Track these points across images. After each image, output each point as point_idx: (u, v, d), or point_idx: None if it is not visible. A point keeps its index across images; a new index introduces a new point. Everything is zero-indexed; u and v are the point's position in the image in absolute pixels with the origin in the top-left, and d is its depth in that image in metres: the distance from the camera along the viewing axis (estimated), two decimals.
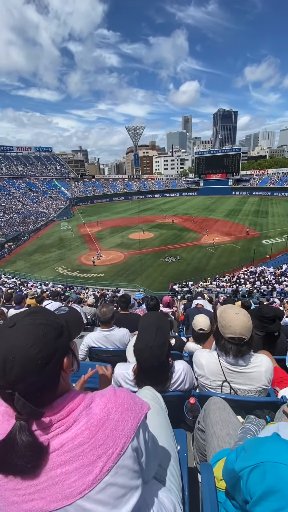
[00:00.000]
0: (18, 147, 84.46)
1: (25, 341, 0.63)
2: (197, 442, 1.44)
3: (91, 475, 0.63)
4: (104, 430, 0.66)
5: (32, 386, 0.63)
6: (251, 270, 23.37)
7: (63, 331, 0.73)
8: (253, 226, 40.01)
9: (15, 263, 31.97)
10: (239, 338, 1.51)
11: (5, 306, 5.85)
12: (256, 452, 0.76)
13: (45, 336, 0.66)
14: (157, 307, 4.28)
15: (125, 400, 0.73)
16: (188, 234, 38.38)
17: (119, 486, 0.65)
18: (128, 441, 0.68)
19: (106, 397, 0.72)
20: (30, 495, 0.62)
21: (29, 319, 0.69)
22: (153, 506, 0.80)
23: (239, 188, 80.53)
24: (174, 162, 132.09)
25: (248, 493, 0.73)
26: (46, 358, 0.64)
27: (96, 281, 24.23)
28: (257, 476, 0.71)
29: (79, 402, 0.70)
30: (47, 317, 0.72)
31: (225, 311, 1.61)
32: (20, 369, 0.61)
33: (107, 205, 74.28)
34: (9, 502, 0.63)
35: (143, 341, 1.38)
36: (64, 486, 0.62)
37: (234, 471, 0.80)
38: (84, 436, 0.65)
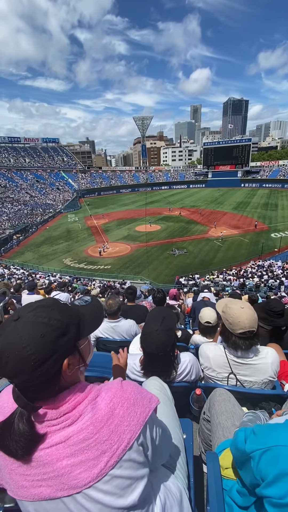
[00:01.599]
0: (26, 138, 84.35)
1: (21, 341, 0.63)
2: (202, 432, 1.47)
3: (96, 469, 0.64)
4: (109, 426, 0.66)
5: (25, 383, 0.64)
6: (259, 264, 23.09)
7: (67, 331, 0.70)
8: (262, 219, 39.30)
9: (23, 254, 32.45)
10: (250, 331, 1.51)
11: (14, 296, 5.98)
12: (269, 436, 0.78)
13: (43, 337, 0.65)
14: (163, 300, 4.30)
15: (132, 395, 0.72)
16: (195, 227, 38.04)
17: (125, 478, 0.67)
18: (134, 436, 0.68)
19: (112, 392, 0.72)
20: (38, 482, 0.65)
21: (32, 316, 0.67)
22: (160, 492, 0.82)
23: (249, 180, 78.79)
24: (182, 153, 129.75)
25: (259, 474, 0.75)
26: (40, 360, 0.63)
27: (103, 273, 24.43)
28: (270, 458, 0.73)
29: (85, 395, 0.70)
30: (52, 315, 0.69)
31: (229, 307, 1.60)
32: (13, 366, 0.62)
33: (114, 197, 74.00)
34: (19, 485, 0.66)
35: (149, 327, 1.43)
36: (69, 478, 0.64)
37: (244, 452, 0.82)
38: (88, 431, 0.65)
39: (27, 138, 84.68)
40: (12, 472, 0.67)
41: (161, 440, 0.82)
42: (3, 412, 0.70)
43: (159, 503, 0.78)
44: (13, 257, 31.18)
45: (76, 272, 24.85)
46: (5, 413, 0.69)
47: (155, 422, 0.81)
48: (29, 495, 0.65)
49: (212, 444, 1.22)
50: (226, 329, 1.61)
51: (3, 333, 0.66)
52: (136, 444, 0.69)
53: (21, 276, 19.73)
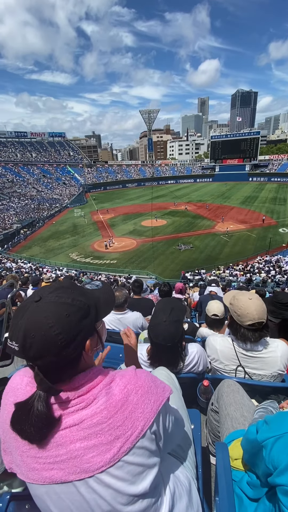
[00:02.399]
0: (32, 132, 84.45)
1: (47, 320, 0.62)
2: (210, 423, 1.45)
3: (109, 454, 0.63)
4: (123, 412, 0.65)
5: (50, 365, 0.63)
6: (266, 259, 22.80)
7: (89, 312, 0.70)
8: (269, 214, 38.66)
9: (30, 248, 32.82)
10: (259, 323, 1.47)
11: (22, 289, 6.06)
12: (281, 424, 0.76)
13: (68, 317, 0.64)
14: (169, 293, 4.28)
15: (146, 383, 0.72)
16: (201, 221, 37.70)
17: (137, 465, 0.66)
18: (148, 424, 0.67)
19: (126, 378, 0.71)
20: (50, 465, 0.64)
21: (54, 296, 0.66)
22: (170, 481, 0.81)
23: (257, 174, 77.31)
24: (189, 146, 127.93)
25: (271, 463, 0.73)
26: (66, 340, 0.63)
27: (109, 267, 24.53)
28: (282, 446, 0.72)
29: (99, 380, 0.69)
30: (74, 296, 0.69)
31: (237, 299, 1.57)
32: (38, 347, 0.61)
33: (120, 192, 73.80)
34: (30, 468, 0.65)
35: (157, 318, 1.41)
36: (82, 461, 0.63)
37: (256, 441, 0.81)
38: (102, 416, 0.64)
39: (34, 133, 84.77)
40: (24, 454, 0.66)
41: (174, 429, 0.82)
42: (16, 394, 0.69)
43: (169, 492, 0.77)
44: (20, 251, 31.58)
45: (82, 266, 25.03)
46: (17, 395, 0.68)
47: (168, 411, 0.80)
48: (40, 478, 0.64)
49: (221, 435, 1.20)
50: (235, 321, 1.58)
51: (25, 314, 0.63)
52: (149, 432, 0.68)
53: (29, 270, 19.99)
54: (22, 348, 0.61)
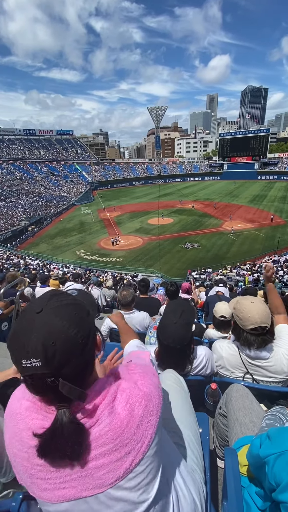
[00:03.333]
0: (40, 130, 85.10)
1: (62, 323, 0.61)
2: (217, 427, 1.45)
3: (121, 469, 0.63)
4: (130, 429, 0.64)
5: (77, 368, 0.62)
6: (274, 259, 22.49)
7: (88, 309, 0.71)
8: (278, 213, 38.05)
9: (38, 245, 33.21)
10: (261, 327, 1.45)
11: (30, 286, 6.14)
12: (284, 440, 0.75)
13: (77, 315, 0.64)
14: (176, 293, 4.27)
15: (147, 390, 0.70)
16: (208, 220, 37.40)
17: (148, 472, 0.66)
18: (155, 429, 0.67)
19: (126, 393, 0.69)
20: (61, 484, 0.63)
21: (55, 301, 0.65)
22: (177, 485, 0.81)
23: (266, 172, 76.07)
24: (197, 144, 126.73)
25: (273, 479, 0.72)
26: (85, 337, 0.63)
27: (115, 265, 24.63)
28: (284, 463, 0.71)
29: (102, 399, 0.67)
30: (72, 297, 0.69)
31: (239, 303, 1.56)
32: (62, 353, 0.59)
33: (127, 190, 73.79)
34: (42, 488, 0.64)
35: (168, 319, 1.41)
36: (94, 478, 0.62)
37: (259, 457, 0.80)
38: (107, 437, 0.63)
39: (42, 130, 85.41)
40: (33, 476, 0.64)
41: None
42: (16, 419, 0.67)
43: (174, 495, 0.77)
44: (28, 248, 31.99)
45: (88, 264, 25.19)
46: (17, 420, 0.66)
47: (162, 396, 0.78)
48: (53, 496, 0.64)
49: (229, 439, 1.20)
50: (237, 325, 1.57)
51: (35, 327, 0.60)
52: (157, 434, 0.68)
53: (36, 266, 20.24)
54: (45, 360, 0.57)
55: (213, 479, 1.36)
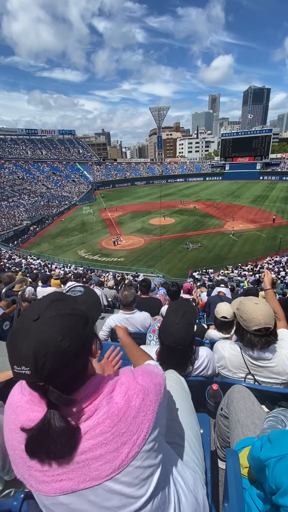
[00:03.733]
0: (43, 130, 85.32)
1: (55, 335, 0.60)
2: (219, 428, 1.45)
3: (117, 460, 0.63)
4: (126, 419, 0.65)
5: (66, 378, 0.63)
6: (276, 260, 22.41)
7: (88, 318, 0.70)
8: (280, 214, 37.92)
9: (39, 245, 33.28)
10: (265, 328, 1.45)
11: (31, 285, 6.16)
12: (284, 444, 0.74)
13: (73, 328, 0.64)
14: (178, 293, 4.26)
15: (145, 384, 0.72)
16: (210, 220, 37.34)
17: (145, 467, 0.66)
18: (152, 424, 0.68)
19: (125, 385, 0.71)
20: (59, 476, 0.64)
21: (53, 310, 0.64)
22: (177, 485, 0.81)
23: (268, 173, 75.82)
24: (199, 144, 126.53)
25: (274, 482, 0.72)
26: (78, 350, 0.63)
27: (116, 265, 24.64)
28: (283, 466, 0.70)
29: (100, 391, 0.69)
30: (71, 305, 0.68)
31: (243, 304, 1.55)
32: (52, 364, 0.59)
33: (128, 190, 73.80)
34: (39, 481, 0.65)
35: (170, 319, 1.41)
36: (90, 469, 0.63)
37: (259, 460, 0.80)
38: (105, 425, 0.64)
39: (44, 130, 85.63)
40: (32, 468, 0.65)
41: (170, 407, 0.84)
42: (16, 412, 0.68)
43: (175, 495, 0.77)
44: (30, 248, 32.07)
45: (90, 263, 25.22)
46: (18, 413, 0.67)
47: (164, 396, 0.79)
48: (50, 489, 0.64)
49: (231, 441, 1.19)
50: (241, 326, 1.56)
51: (29, 335, 0.61)
52: (154, 431, 0.68)
53: (38, 266, 20.29)
54: (34, 370, 0.58)
55: (213, 480, 1.36)
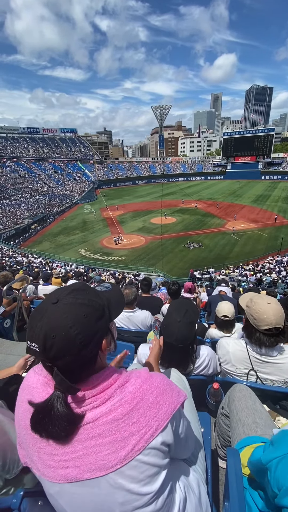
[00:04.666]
0: (44, 129, 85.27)
1: (66, 321, 0.64)
2: (219, 427, 1.44)
3: (123, 451, 0.63)
4: (138, 410, 0.66)
5: (70, 365, 0.64)
6: (277, 260, 22.35)
7: (104, 312, 0.72)
8: (282, 213, 37.77)
9: (41, 243, 33.31)
10: (276, 328, 1.44)
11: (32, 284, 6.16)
12: (284, 444, 0.73)
13: (86, 317, 0.66)
14: (179, 292, 4.25)
15: (161, 385, 0.72)
16: (211, 220, 37.24)
17: (151, 465, 0.66)
18: (162, 425, 0.67)
19: (141, 378, 0.72)
20: (66, 462, 0.65)
21: (71, 298, 0.68)
22: (180, 485, 0.81)
23: (270, 172, 75.48)
24: (201, 143, 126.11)
25: (276, 485, 0.71)
26: (85, 340, 0.64)
27: (117, 264, 24.64)
28: (286, 466, 0.69)
29: (114, 380, 0.70)
30: (90, 297, 0.71)
31: (255, 302, 1.52)
32: (59, 348, 0.62)
33: (130, 189, 73.71)
34: (46, 465, 0.66)
35: (171, 318, 1.40)
36: (97, 458, 0.63)
37: (260, 463, 0.78)
38: (118, 412, 0.65)
39: (46, 129, 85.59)
40: (41, 451, 0.66)
41: (186, 435, 0.82)
42: (32, 393, 0.70)
43: (179, 495, 0.77)
44: (31, 246, 32.11)
45: (91, 262, 25.23)
46: (33, 394, 0.70)
47: (182, 416, 0.80)
48: (55, 475, 0.65)
49: (232, 440, 1.19)
50: (250, 324, 1.54)
51: (45, 316, 0.65)
52: (163, 433, 0.68)
53: (39, 264, 20.32)
54: (43, 349, 0.63)
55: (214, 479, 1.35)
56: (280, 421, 1.35)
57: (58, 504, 0.68)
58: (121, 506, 0.64)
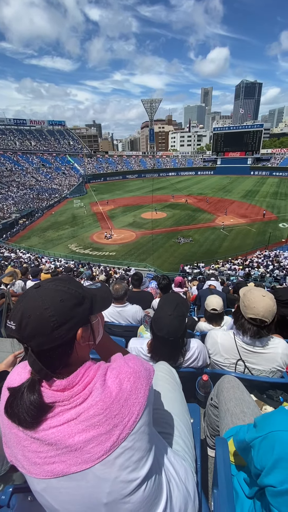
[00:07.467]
0: (31, 120, 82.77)
1: (42, 303, 0.68)
2: (208, 417, 1.47)
3: (108, 442, 0.65)
4: (118, 401, 0.67)
5: (42, 345, 0.66)
6: (265, 254, 22.85)
7: (83, 301, 0.75)
8: (270, 209, 38.51)
9: (29, 239, 32.67)
10: (261, 320, 1.48)
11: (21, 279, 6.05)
12: (266, 424, 0.77)
13: (62, 302, 0.70)
14: (169, 287, 4.28)
15: (136, 369, 0.74)
16: (201, 215, 37.53)
17: (137, 449, 0.67)
18: (143, 407, 0.69)
19: (117, 369, 0.74)
20: (51, 458, 0.65)
21: (52, 284, 0.73)
22: (168, 473, 0.82)
23: (259, 168, 76.54)
24: (191, 138, 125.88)
25: (259, 463, 0.74)
26: (58, 322, 0.67)
27: (108, 259, 24.53)
28: (267, 445, 0.72)
29: (94, 374, 0.72)
30: (70, 286, 0.74)
31: (251, 291, 1.58)
32: (32, 327, 0.66)
33: (120, 183, 73.03)
34: (32, 462, 0.67)
35: (162, 311, 1.42)
36: (83, 452, 0.64)
37: (245, 442, 0.82)
38: (98, 407, 0.66)
39: (33, 121, 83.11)
40: (25, 449, 0.67)
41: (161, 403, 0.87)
42: (12, 384, 0.72)
43: (167, 484, 0.78)
44: (19, 241, 31.44)
45: (81, 257, 25.01)
46: (13, 384, 0.71)
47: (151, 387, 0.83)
48: (41, 472, 0.65)
49: (220, 429, 1.22)
50: (239, 310, 1.61)
51: (25, 299, 0.70)
52: (144, 414, 0.70)
53: (28, 260, 19.95)
54: (18, 326, 0.66)
55: (203, 468, 1.39)
56: (267, 410, 1.40)
57: (45, 500, 0.68)
58: (108, 495, 0.64)
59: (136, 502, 0.67)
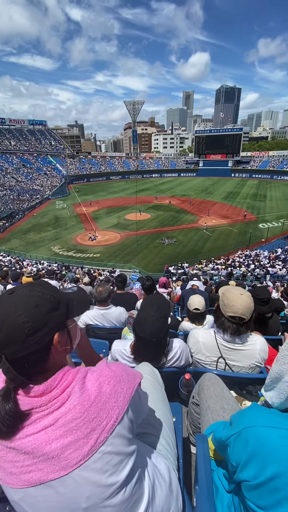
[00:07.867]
0: (11, 119, 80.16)
1: (16, 309, 0.66)
2: (191, 415, 1.50)
3: (86, 447, 0.63)
4: (97, 404, 0.66)
5: (17, 353, 0.65)
6: (246, 254, 23.56)
7: (58, 306, 0.73)
8: (250, 210, 39.77)
9: (9, 241, 31.58)
10: (240, 317, 1.53)
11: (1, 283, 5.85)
12: (240, 421, 0.79)
13: (36, 307, 0.68)
14: (153, 287, 4.31)
15: (117, 373, 0.73)
16: (185, 216, 38.06)
17: (115, 453, 0.66)
18: (122, 412, 0.68)
19: (97, 372, 0.73)
20: (28, 467, 0.63)
21: (26, 290, 0.71)
22: (150, 473, 0.82)
23: (239, 170, 78.92)
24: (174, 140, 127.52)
25: (235, 460, 0.76)
26: (33, 328, 0.65)
27: (92, 261, 24.24)
28: (241, 442, 0.74)
29: (72, 378, 0.70)
30: (45, 291, 0.73)
31: (229, 290, 1.63)
32: (6, 334, 0.63)
33: (103, 184, 72.45)
34: (8, 472, 0.64)
35: (145, 312, 1.43)
36: (60, 459, 0.63)
37: (221, 440, 0.85)
38: (76, 411, 0.65)
39: (13, 120, 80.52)
40: (1, 459, 0.65)
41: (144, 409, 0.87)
42: None
43: (149, 482, 0.78)
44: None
45: (64, 260, 24.52)
46: None
47: (140, 396, 0.83)
48: (18, 481, 0.64)
49: (201, 426, 1.24)
50: (219, 309, 1.66)
51: None
52: (124, 419, 0.69)
53: (8, 263, 19.27)
54: None
55: (186, 465, 1.41)
56: (246, 405, 1.45)
57: (22, 510, 0.67)
58: (87, 500, 0.64)
59: (116, 505, 0.66)
